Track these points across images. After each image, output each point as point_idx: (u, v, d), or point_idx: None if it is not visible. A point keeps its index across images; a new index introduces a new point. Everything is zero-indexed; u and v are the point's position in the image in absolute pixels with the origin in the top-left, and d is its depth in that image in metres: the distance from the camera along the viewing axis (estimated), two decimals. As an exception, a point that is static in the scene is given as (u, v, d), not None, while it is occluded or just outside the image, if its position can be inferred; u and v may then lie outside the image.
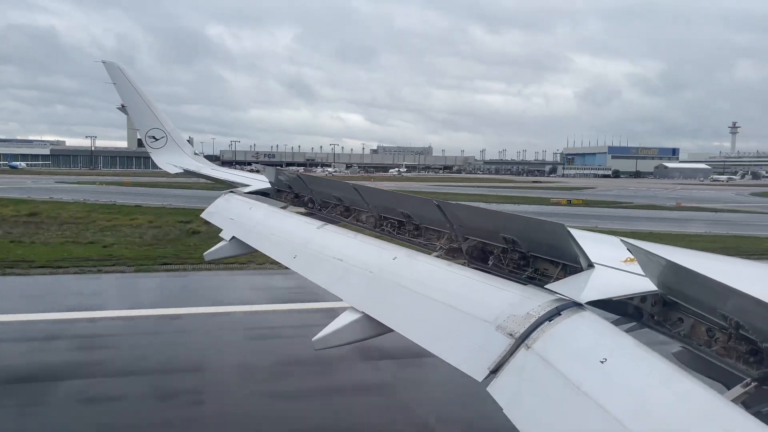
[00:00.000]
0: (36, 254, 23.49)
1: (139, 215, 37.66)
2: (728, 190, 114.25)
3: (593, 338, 2.93)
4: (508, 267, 4.34)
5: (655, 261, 3.05)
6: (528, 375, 2.94)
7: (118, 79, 14.15)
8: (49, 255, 23.32)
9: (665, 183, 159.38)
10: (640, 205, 61.41)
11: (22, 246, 25.63)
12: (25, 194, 54.28)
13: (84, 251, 24.63)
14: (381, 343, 5.50)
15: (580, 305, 3.26)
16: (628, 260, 3.83)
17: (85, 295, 18.16)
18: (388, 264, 4.92)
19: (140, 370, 11.81)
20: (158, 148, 14.73)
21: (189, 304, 17.20)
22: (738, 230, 38.52)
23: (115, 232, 30.66)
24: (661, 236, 31.33)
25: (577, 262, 3.80)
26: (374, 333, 4.52)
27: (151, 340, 13.85)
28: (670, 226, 39.00)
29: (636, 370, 2.60)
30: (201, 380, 11.53)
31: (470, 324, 3.57)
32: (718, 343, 2.94)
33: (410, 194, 5.92)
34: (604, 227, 34.29)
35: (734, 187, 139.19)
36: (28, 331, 14.42)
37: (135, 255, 24.16)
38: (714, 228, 38.79)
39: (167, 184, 67.85)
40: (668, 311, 3.32)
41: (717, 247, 26.81)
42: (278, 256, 6.81)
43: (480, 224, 4.71)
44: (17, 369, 11.74)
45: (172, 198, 51.40)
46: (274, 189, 9.95)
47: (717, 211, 56.36)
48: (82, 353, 12.79)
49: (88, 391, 10.73)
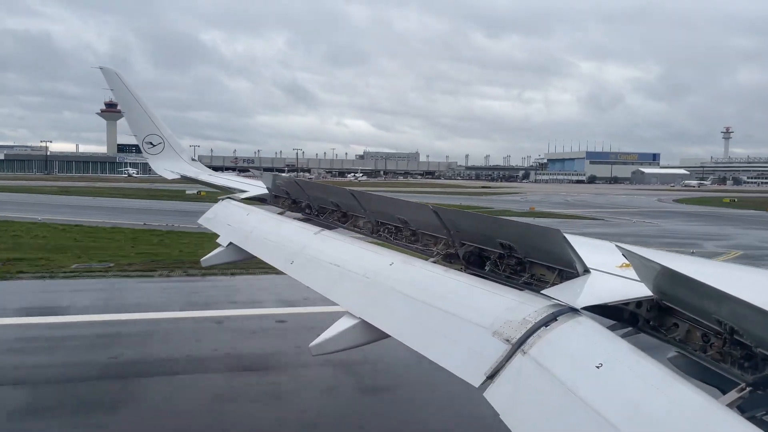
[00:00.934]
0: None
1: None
2: (661, 195, 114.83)
3: (589, 343, 2.95)
4: (504, 272, 4.35)
5: (650, 266, 3.07)
6: (524, 380, 2.95)
7: (115, 85, 14.17)
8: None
9: (620, 189, 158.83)
10: (498, 210, 56.20)
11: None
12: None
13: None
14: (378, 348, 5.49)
15: (576, 311, 3.28)
16: (623, 266, 3.85)
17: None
18: (384, 269, 4.93)
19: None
20: (156, 154, 14.73)
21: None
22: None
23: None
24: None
25: (573, 267, 3.82)
26: (371, 339, 4.53)
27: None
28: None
29: (632, 375, 2.61)
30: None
31: (467, 329, 3.58)
32: (713, 348, 2.95)
33: (407, 200, 5.93)
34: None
35: (704, 192, 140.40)
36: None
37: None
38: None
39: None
40: (664, 316, 3.33)
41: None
42: (275, 261, 6.81)
43: (476, 230, 4.72)
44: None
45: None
46: (271, 195, 9.97)
47: (562, 217, 51.54)
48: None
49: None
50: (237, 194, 10.88)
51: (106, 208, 49.75)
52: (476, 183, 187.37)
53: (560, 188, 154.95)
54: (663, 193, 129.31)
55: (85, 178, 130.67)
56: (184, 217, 36.76)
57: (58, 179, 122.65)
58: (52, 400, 10.50)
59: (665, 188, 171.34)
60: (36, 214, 40.55)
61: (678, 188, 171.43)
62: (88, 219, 38.71)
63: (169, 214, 42.78)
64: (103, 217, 40.44)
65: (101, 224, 36.47)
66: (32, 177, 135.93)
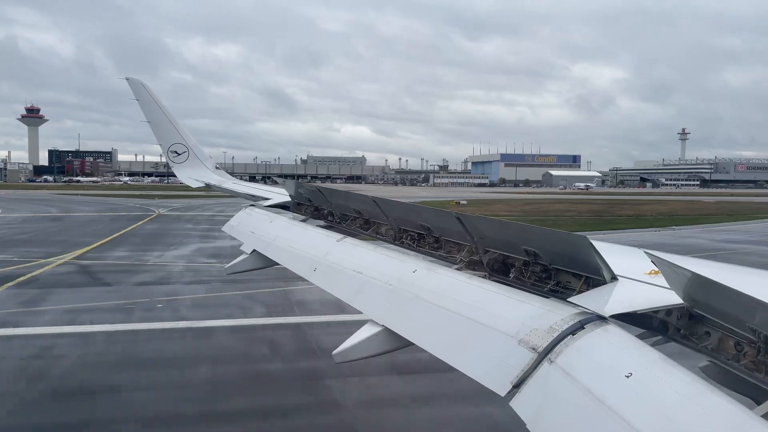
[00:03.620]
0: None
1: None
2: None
3: (618, 352, 2.89)
4: (529, 280, 4.31)
5: (680, 273, 3.01)
6: (551, 389, 2.91)
7: (141, 96, 14.46)
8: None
9: (478, 191, 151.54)
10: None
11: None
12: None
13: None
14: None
15: (603, 318, 3.22)
16: (652, 272, 3.78)
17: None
18: (408, 276, 4.91)
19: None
20: (180, 163, 14.98)
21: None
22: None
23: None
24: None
25: (600, 274, 3.76)
26: (394, 346, 4.51)
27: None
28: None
29: (662, 384, 2.55)
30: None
31: (492, 337, 3.54)
32: (746, 357, 2.88)
33: (429, 206, 5.92)
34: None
35: (586, 194, 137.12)
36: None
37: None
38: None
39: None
40: (695, 325, 3.26)
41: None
42: (298, 269, 6.84)
43: (500, 236, 4.68)
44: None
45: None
46: (294, 202, 10.04)
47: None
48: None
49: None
50: (260, 202, 10.99)
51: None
52: (373, 186, 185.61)
53: (424, 191, 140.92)
54: (528, 194, 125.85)
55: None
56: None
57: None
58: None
59: (556, 191, 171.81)
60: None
61: (569, 191, 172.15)
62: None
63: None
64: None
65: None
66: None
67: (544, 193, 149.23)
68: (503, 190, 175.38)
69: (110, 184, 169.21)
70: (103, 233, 36.86)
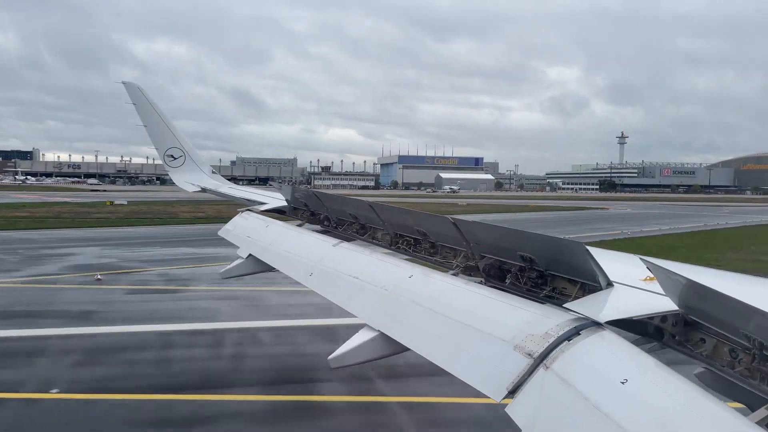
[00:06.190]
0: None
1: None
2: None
3: (613, 358, 2.89)
4: (525, 285, 4.31)
5: (675, 280, 3.01)
6: (547, 395, 2.91)
7: (137, 100, 14.44)
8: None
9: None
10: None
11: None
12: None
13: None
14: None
15: (599, 325, 3.23)
16: (647, 279, 3.79)
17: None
18: (404, 282, 4.91)
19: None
20: (177, 167, 14.95)
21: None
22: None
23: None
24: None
25: (596, 280, 3.77)
26: (390, 352, 4.51)
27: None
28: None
29: (657, 391, 2.56)
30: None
31: (487, 343, 3.54)
32: (741, 364, 2.88)
33: (426, 212, 5.92)
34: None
35: (453, 198, 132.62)
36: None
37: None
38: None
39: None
40: (690, 331, 3.26)
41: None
42: (294, 273, 6.84)
43: (497, 242, 4.69)
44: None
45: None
46: (290, 207, 10.03)
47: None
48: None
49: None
50: (256, 206, 10.97)
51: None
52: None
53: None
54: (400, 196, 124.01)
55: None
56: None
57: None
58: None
59: (408, 193, 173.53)
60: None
61: (440, 193, 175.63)
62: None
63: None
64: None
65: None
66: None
67: (402, 196, 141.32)
68: (377, 193, 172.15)
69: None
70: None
